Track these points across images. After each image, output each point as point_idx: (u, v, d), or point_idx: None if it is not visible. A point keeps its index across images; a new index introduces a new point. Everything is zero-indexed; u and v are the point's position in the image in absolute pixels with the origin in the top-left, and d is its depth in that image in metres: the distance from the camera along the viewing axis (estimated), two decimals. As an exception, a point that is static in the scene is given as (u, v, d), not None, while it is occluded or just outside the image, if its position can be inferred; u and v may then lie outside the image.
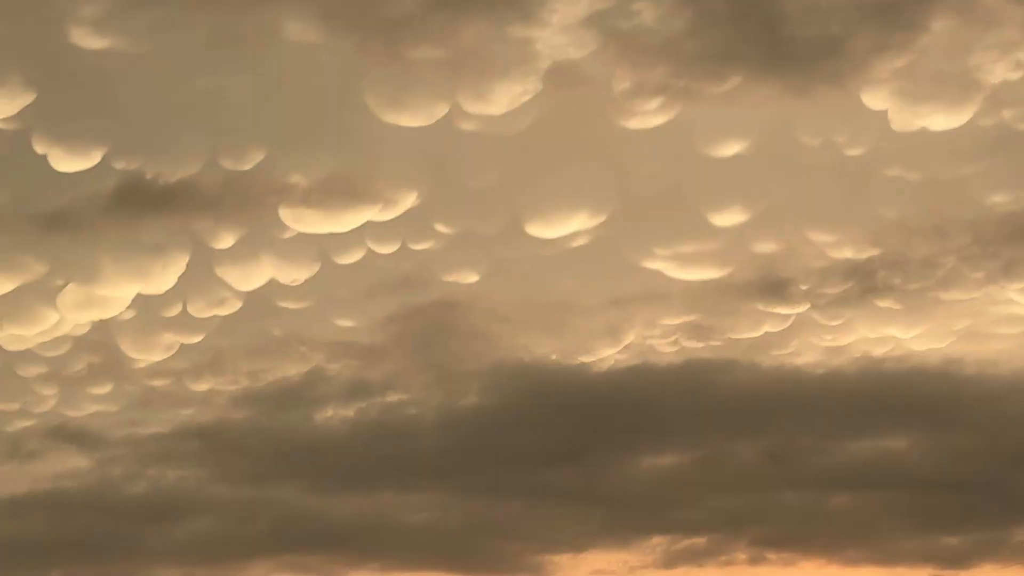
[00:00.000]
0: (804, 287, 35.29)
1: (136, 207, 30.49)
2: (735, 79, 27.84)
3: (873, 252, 35.81)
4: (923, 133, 29.76)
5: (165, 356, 31.87)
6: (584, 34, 27.62)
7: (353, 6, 26.21)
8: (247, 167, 29.48)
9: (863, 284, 34.96)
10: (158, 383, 33.34)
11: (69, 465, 36.41)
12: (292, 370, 37.72)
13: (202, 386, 32.90)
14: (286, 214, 28.65)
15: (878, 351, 36.85)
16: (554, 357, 40.41)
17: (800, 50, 28.34)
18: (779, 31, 28.04)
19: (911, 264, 35.70)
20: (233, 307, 30.43)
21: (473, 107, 30.43)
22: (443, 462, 44.11)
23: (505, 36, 26.72)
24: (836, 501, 50.62)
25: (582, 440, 41.38)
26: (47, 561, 36.44)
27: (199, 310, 30.67)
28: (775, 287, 36.02)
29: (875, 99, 27.46)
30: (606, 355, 36.67)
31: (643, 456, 44.37)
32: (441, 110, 29.66)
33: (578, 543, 51.84)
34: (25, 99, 28.36)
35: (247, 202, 29.43)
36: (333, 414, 41.43)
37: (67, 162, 29.35)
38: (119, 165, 29.40)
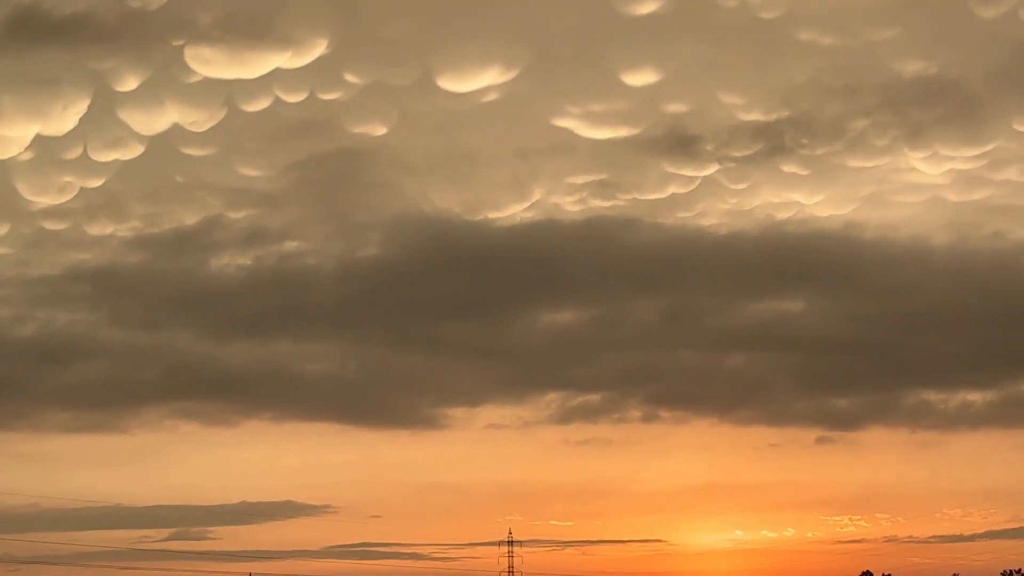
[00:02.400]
0: (712, 148, 35.09)
1: (30, 38, 29.19)
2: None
3: (782, 114, 35.60)
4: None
5: (63, 199, 31.04)
6: None
7: None
8: (152, 6, 28.38)
9: (771, 146, 34.86)
10: (54, 226, 32.41)
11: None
12: (190, 216, 36.81)
13: (97, 230, 32.08)
14: (192, 56, 27.78)
15: (781, 215, 36.94)
16: (458, 211, 39.71)
17: None
18: None
19: (819, 127, 35.55)
20: (135, 151, 29.67)
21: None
22: (341, 313, 43.56)
23: None
24: (731, 362, 50.86)
25: (482, 295, 41.07)
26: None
27: (100, 153, 29.86)
28: (683, 147, 35.81)
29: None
30: (511, 211, 36.42)
31: (542, 312, 44.40)
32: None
33: (474, 397, 51.23)
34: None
35: (149, 40, 28.43)
36: (230, 261, 40.49)
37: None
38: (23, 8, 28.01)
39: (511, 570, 47.19)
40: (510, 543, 47.56)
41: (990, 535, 63.51)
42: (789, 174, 35.69)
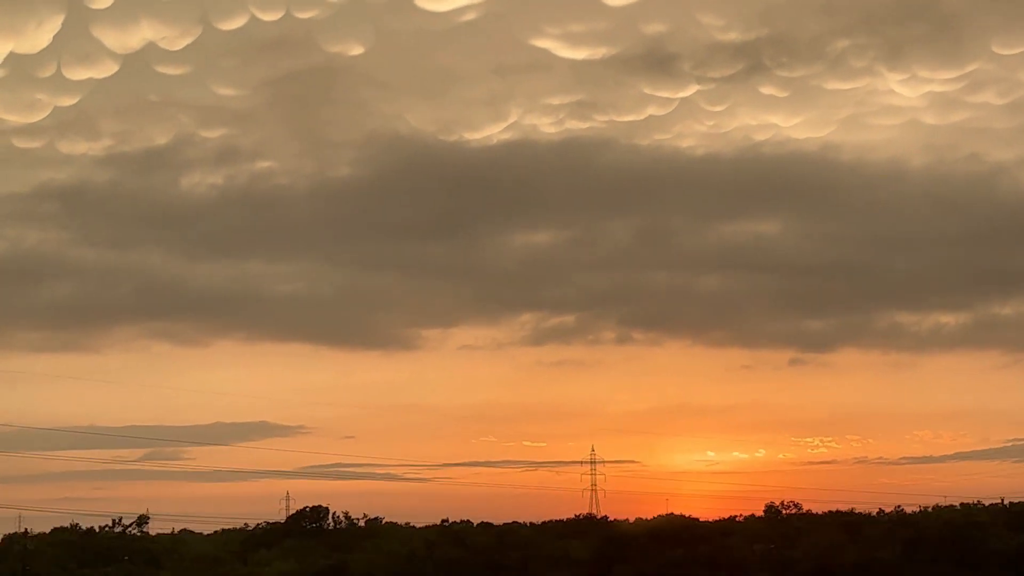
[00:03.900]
0: (690, 69, 34.67)
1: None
2: None
3: (761, 33, 35.14)
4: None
5: (36, 118, 30.42)
6: None
7: None
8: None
9: (749, 66, 34.45)
10: (25, 144, 31.80)
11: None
12: (161, 135, 36.22)
13: (68, 148, 31.53)
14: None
15: (759, 136, 36.68)
16: (432, 130, 39.16)
17: None
18: None
19: (798, 47, 35.13)
20: (109, 70, 29.16)
21: None
22: (314, 233, 43.14)
23: None
24: (704, 282, 50.82)
25: (456, 215, 40.67)
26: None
27: (73, 71, 29.29)
28: (661, 68, 35.38)
29: None
30: (487, 131, 36.03)
31: (517, 233, 44.15)
32: None
33: (448, 318, 51.07)
34: None
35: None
36: (201, 180, 39.87)
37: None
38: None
39: (594, 487, 47.21)
40: (592, 463, 47.17)
41: (959, 456, 64.18)
42: (767, 96, 35.24)
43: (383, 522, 36.95)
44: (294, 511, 36.82)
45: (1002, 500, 42.50)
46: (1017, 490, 69.02)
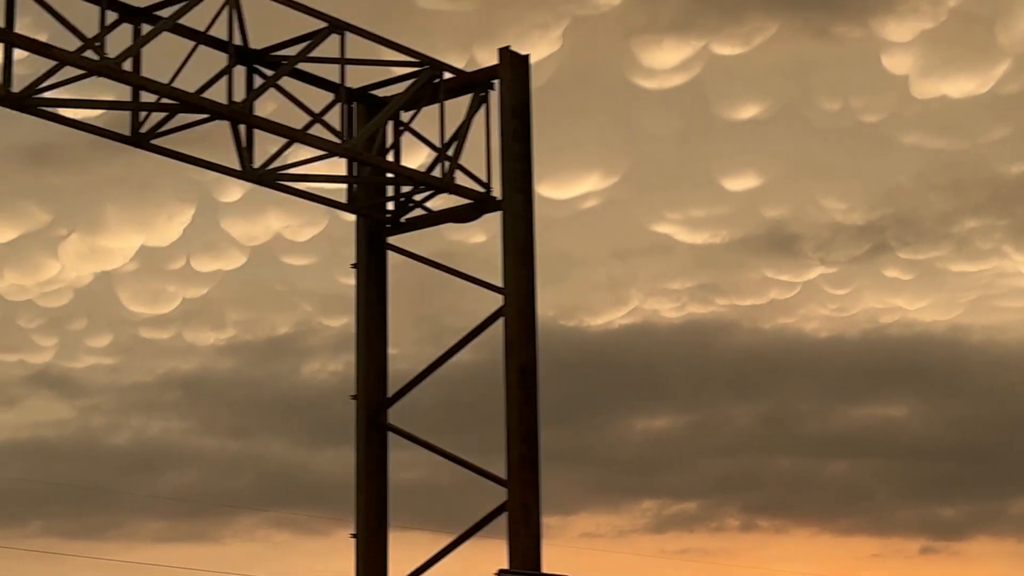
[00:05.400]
0: (813, 252, 34.42)
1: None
2: (752, 14, 26.54)
3: (885, 213, 34.93)
4: (943, 100, 28.74)
5: (165, 309, 30.96)
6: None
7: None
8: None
9: (873, 249, 34.11)
10: (152, 334, 32.33)
11: (52, 414, 35.34)
12: (284, 323, 36.55)
13: (193, 337, 31.96)
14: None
15: (884, 319, 36.09)
16: (552, 314, 39.25)
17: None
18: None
19: (923, 227, 34.82)
20: (237, 261, 29.59)
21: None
22: (435, 418, 42.90)
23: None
24: (831, 468, 49.76)
25: (576, 400, 40.34)
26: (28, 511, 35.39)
27: (202, 264, 29.82)
28: (783, 252, 35.12)
29: (896, 63, 26.43)
30: (607, 316, 35.79)
31: (637, 418, 43.46)
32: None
33: (568, 505, 50.64)
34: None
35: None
36: (321, 367, 40.27)
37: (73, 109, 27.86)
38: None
39: None
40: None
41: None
42: (891, 279, 34.91)
43: None
44: None
45: None
46: None
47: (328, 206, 12.44)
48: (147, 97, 10.77)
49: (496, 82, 12.20)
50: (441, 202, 12.99)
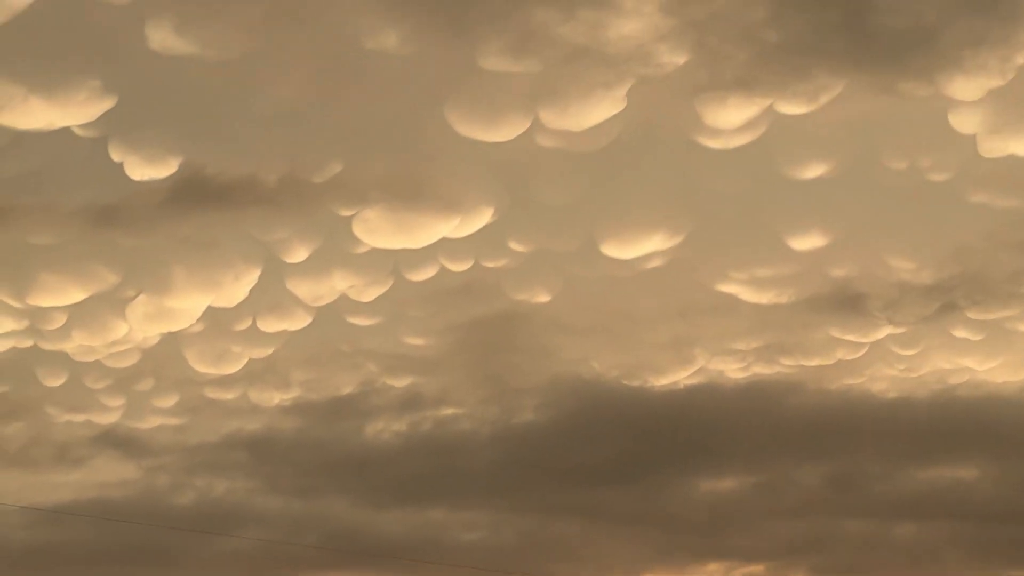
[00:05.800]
0: (880, 312, 34.09)
1: (197, 203, 29.55)
2: (818, 72, 26.42)
3: (954, 272, 34.55)
4: (1012, 159, 28.51)
5: (231, 370, 31.15)
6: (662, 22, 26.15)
7: (435, 15, 25.15)
8: (322, 179, 28.60)
9: (941, 309, 33.71)
10: (218, 395, 32.50)
11: (118, 475, 35.52)
12: (348, 383, 36.72)
13: (258, 397, 32.08)
14: (360, 228, 27.79)
15: (953, 380, 35.68)
16: (616, 374, 39.09)
17: (888, 41, 26.78)
18: (866, 20, 26.54)
19: (992, 285, 34.38)
20: (302, 322, 29.76)
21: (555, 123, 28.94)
22: (497, 479, 42.82)
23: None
24: (900, 530, 49.08)
25: (640, 460, 40.12)
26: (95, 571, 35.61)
27: (268, 324, 30.00)
28: (850, 311, 34.78)
29: (963, 122, 26.25)
30: (672, 376, 35.61)
31: (702, 479, 43.15)
32: (522, 125, 28.53)
33: (633, 567, 50.27)
34: (104, 105, 27.07)
35: (319, 213, 28.67)
36: (385, 427, 40.25)
37: (142, 170, 28.25)
38: (189, 170, 28.36)
39: None
40: None
41: None
42: (960, 339, 34.47)
43: None
44: None
45: None
46: None
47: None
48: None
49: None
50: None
